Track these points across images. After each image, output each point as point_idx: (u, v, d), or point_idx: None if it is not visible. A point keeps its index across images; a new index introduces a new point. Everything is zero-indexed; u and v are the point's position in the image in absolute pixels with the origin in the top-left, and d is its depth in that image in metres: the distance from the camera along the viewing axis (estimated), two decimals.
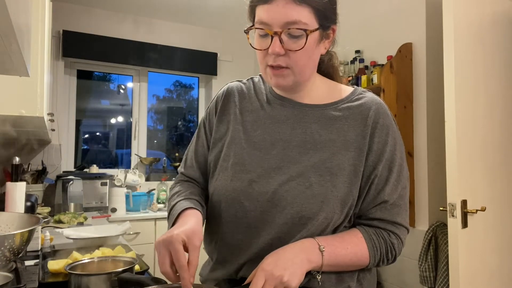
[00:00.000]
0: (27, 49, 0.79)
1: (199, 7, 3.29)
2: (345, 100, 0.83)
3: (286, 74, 0.77)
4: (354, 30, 2.66)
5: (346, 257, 0.77)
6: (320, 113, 0.82)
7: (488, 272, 1.80)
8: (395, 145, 0.80)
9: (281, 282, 0.68)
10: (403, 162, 0.82)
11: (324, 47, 0.81)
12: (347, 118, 0.81)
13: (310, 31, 0.73)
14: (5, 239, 0.93)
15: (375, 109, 0.81)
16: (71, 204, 2.76)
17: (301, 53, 0.74)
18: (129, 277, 0.89)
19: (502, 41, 1.93)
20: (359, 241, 0.79)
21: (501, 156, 1.89)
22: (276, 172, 0.79)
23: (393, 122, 0.83)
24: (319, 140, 0.80)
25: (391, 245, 0.82)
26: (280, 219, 0.77)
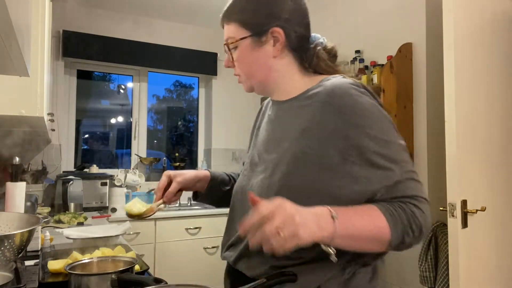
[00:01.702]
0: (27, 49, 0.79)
1: (199, 7, 3.29)
2: (310, 88, 0.85)
3: (242, 80, 0.92)
4: (354, 30, 2.66)
5: (364, 227, 0.69)
6: (290, 106, 0.88)
7: (488, 272, 1.80)
8: (356, 124, 0.74)
9: (292, 220, 0.62)
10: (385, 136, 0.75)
11: (277, 49, 0.86)
12: (307, 106, 0.82)
13: (234, 42, 0.87)
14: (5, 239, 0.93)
15: (329, 93, 0.79)
16: (71, 204, 2.75)
17: (239, 62, 0.88)
18: (129, 277, 0.89)
19: (502, 41, 1.93)
20: (375, 212, 0.71)
21: (501, 156, 1.89)
22: (257, 167, 0.89)
23: (357, 100, 0.76)
24: (285, 132, 0.85)
25: (411, 214, 0.72)
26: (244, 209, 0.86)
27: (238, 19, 0.87)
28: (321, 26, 3.24)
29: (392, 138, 0.76)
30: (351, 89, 0.78)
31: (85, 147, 3.56)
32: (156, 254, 2.81)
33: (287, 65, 0.89)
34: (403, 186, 0.74)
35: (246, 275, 0.83)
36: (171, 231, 2.86)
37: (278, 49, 0.86)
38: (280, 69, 0.89)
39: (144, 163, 3.50)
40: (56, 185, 2.85)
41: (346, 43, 2.70)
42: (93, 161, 3.51)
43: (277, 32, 0.85)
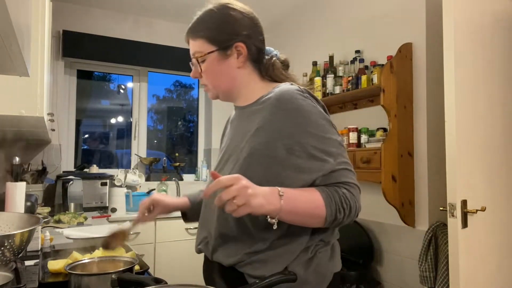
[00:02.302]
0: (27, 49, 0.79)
1: (199, 7, 3.28)
2: (265, 94, 0.98)
3: (208, 90, 1.04)
4: (354, 30, 2.66)
5: (304, 204, 0.84)
6: (248, 110, 1.01)
7: (488, 272, 1.80)
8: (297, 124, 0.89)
9: (245, 191, 0.77)
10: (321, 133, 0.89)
11: (240, 61, 0.99)
12: (261, 110, 0.96)
13: (203, 55, 0.98)
14: (5, 239, 0.92)
15: (278, 98, 0.93)
16: (71, 204, 2.76)
17: (206, 74, 1.00)
18: (129, 277, 0.89)
19: (502, 41, 1.93)
20: (314, 192, 0.86)
21: (501, 156, 1.89)
22: (223, 165, 1.02)
23: (300, 103, 0.90)
24: (244, 133, 0.97)
25: (343, 195, 0.87)
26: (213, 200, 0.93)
27: (205, 36, 0.99)
28: (321, 26, 3.26)
29: (328, 134, 0.90)
30: (296, 94, 0.92)
31: (85, 147, 3.56)
32: (156, 254, 2.81)
33: (248, 74, 1.02)
34: (337, 174, 0.88)
35: (223, 265, 0.95)
36: (171, 231, 2.86)
37: (241, 61, 1.00)
38: (243, 78, 1.02)
39: (144, 163, 3.50)
40: (56, 185, 2.85)
41: (346, 43, 2.70)
42: (93, 161, 3.51)
43: (240, 46, 0.98)
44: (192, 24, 1.04)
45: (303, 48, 3.21)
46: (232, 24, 0.99)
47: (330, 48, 2.78)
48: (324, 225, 0.87)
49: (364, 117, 2.55)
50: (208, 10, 1.02)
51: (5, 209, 1.40)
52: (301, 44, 3.24)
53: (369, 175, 2.20)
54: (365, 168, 2.21)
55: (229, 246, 0.94)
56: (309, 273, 0.89)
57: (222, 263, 0.95)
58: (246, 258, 0.90)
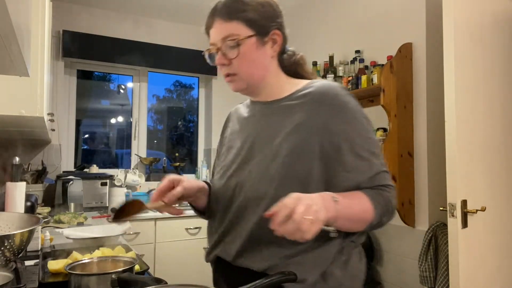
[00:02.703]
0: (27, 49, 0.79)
1: (199, 7, 3.28)
2: (301, 89, 0.93)
3: (236, 79, 0.93)
4: (354, 30, 2.66)
5: (357, 209, 0.81)
6: (279, 106, 0.94)
7: (488, 272, 1.80)
8: (346, 121, 0.85)
9: (311, 208, 0.70)
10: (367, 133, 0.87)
11: (274, 50, 0.94)
12: (300, 105, 0.90)
13: (241, 39, 0.89)
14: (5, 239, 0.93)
15: (322, 92, 0.88)
16: (71, 204, 2.76)
17: (241, 59, 0.90)
18: (129, 277, 0.89)
19: (502, 41, 1.93)
20: (363, 197, 0.82)
21: (501, 156, 1.89)
22: (245, 163, 0.93)
23: (346, 100, 0.87)
24: (275, 129, 0.90)
25: (388, 199, 0.85)
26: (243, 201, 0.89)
27: (245, 18, 0.90)
28: (321, 26, 3.26)
29: (371, 134, 0.88)
30: (340, 90, 0.89)
31: (85, 147, 3.56)
32: (156, 254, 2.81)
33: (277, 67, 0.97)
34: (381, 176, 0.85)
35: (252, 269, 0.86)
36: (171, 231, 2.86)
37: (275, 50, 0.94)
38: (273, 71, 0.96)
39: (144, 163, 3.50)
40: (56, 185, 2.85)
41: (346, 43, 2.70)
42: (93, 161, 3.51)
43: (277, 34, 0.93)
44: (224, 3, 0.92)
45: (303, 48, 3.20)
46: (272, 8, 0.93)
47: (330, 48, 2.78)
48: (365, 228, 0.85)
49: None
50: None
51: (5, 209, 1.40)
52: (301, 44, 3.23)
53: None
54: None
55: (261, 250, 0.86)
56: (346, 276, 0.86)
57: (251, 268, 0.86)
58: (281, 262, 0.84)
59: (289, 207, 0.69)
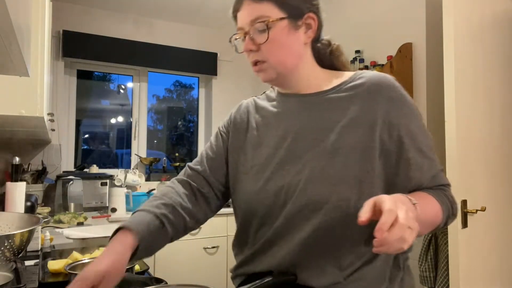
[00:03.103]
0: (27, 49, 0.79)
1: (199, 7, 3.29)
2: (348, 81, 0.83)
3: (265, 67, 0.83)
4: (354, 30, 2.66)
5: (431, 213, 0.74)
6: (324, 98, 0.83)
7: (488, 272, 1.80)
8: (406, 114, 0.78)
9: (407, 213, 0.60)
10: (424, 128, 0.81)
11: (308, 36, 0.83)
12: (352, 97, 0.80)
13: (270, 21, 0.78)
14: (5, 239, 0.92)
15: (378, 83, 0.80)
16: (71, 204, 2.75)
17: (271, 44, 0.80)
18: (129, 277, 0.89)
19: (502, 41, 1.93)
20: (430, 198, 0.76)
21: (501, 156, 1.89)
22: (289, 163, 0.80)
23: (402, 92, 0.81)
24: (326, 124, 0.80)
25: (451, 197, 0.81)
26: (294, 207, 0.77)
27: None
28: None
29: (427, 130, 0.81)
30: (396, 82, 0.82)
31: (85, 147, 3.56)
32: (156, 254, 2.80)
33: (311, 56, 0.87)
34: (441, 175, 0.80)
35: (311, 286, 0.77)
36: None
37: (309, 37, 0.84)
38: (307, 59, 0.86)
39: (144, 163, 3.50)
40: (56, 185, 2.85)
41: (346, 43, 2.70)
42: (93, 161, 3.51)
43: (311, 18, 0.84)
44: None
45: None
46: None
47: None
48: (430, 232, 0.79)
49: None
50: None
51: (5, 209, 1.40)
52: None
53: None
54: None
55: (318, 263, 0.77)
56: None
57: (311, 285, 0.76)
58: (341, 277, 0.75)
59: (395, 212, 0.59)
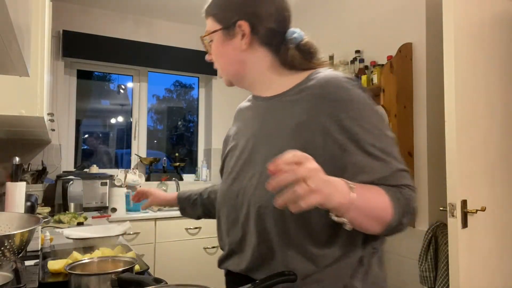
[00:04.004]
0: (27, 49, 0.79)
1: (199, 7, 3.27)
2: (302, 82, 0.84)
3: (220, 74, 0.95)
4: (354, 30, 2.66)
5: (374, 203, 0.70)
6: (280, 101, 0.86)
7: (488, 272, 1.80)
8: (351, 116, 0.75)
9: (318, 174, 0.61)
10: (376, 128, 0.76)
11: (245, 43, 0.87)
12: (299, 100, 0.81)
13: (208, 34, 0.91)
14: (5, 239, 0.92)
15: (321, 85, 0.79)
16: (71, 204, 2.75)
17: (215, 55, 0.92)
18: (129, 277, 0.89)
19: (502, 41, 1.93)
20: (380, 191, 0.72)
21: (501, 156, 1.89)
22: (247, 167, 0.86)
23: (351, 93, 0.77)
24: (278, 127, 0.83)
25: (409, 197, 0.75)
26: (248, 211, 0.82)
27: (213, 14, 0.91)
28: (321, 26, 3.25)
29: (384, 131, 0.77)
30: (344, 82, 0.78)
31: (85, 147, 3.56)
32: (156, 254, 2.81)
33: (260, 59, 0.89)
34: (399, 175, 0.75)
35: None
36: (171, 231, 2.86)
37: (246, 43, 0.87)
38: (254, 63, 0.89)
39: (144, 163, 3.50)
40: (56, 185, 2.85)
41: (346, 43, 2.70)
42: (93, 161, 3.51)
43: (242, 25, 0.87)
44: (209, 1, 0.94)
45: None
46: (239, 1, 0.88)
47: (330, 48, 2.78)
48: (382, 231, 0.73)
49: None
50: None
51: (5, 209, 1.40)
52: None
53: None
54: None
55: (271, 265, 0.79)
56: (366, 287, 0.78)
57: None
58: (301, 278, 0.75)
59: (297, 158, 0.60)
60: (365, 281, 0.77)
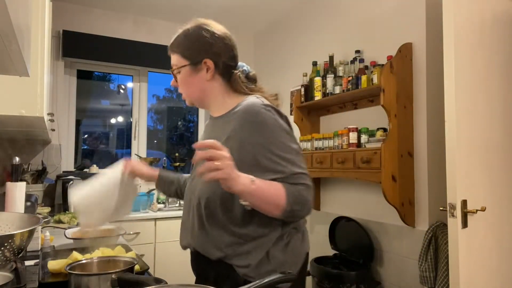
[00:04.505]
0: (27, 49, 0.79)
1: (199, 7, 3.29)
2: (234, 108, 1.13)
3: (184, 98, 1.23)
4: (354, 30, 2.66)
5: (269, 192, 0.99)
6: (221, 121, 1.16)
7: (488, 272, 1.80)
8: (262, 135, 1.04)
9: (229, 161, 0.90)
10: (281, 144, 1.04)
11: (209, 75, 1.15)
12: (231, 121, 1.10)
13: (175, 69, 1.17)
14: (5, 239, 0.92)
15: (244, 111, 1.08)
16: (71, 204, 2.75)
17: (181, 84, 1.18)
18: (129, 277, 0.89)
19: (502, 41, 1.93)
20: (278, 185, 1.01)
21: (501, 156, 1.89)
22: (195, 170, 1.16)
23: (264, 117, 1.05)
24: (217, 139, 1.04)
25: (300, 192, 1.02)
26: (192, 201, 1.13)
27: (180, 52, 1.16)
28: (321, 26, 3.25)
29: (288, 143, 1.05)
30: (260, 108, 1.06)
31: (85, 147, 3.56)
32: (156, 254, 2.81)
33: (217, 87, 1.17)
34: (295, 177, 1.02)
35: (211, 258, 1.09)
36: (171, 231, 2.86)
37: (210, 75, 1.15)
38: (212, 90, 1.17)
39: (144, 163, 3.50)
40: (56, 185, 2.85)
41: (346, 43, 2.71)
42: (93, 161, 3.51)
43: (208, 62, 1.14)
44: (172, 40, 1.19)
45: (303, 48, 3.21)
46: (203, 43, 1.14)
47: (330, 48, 2.78)
48: (282, 215, 1.01)
49: (364, 117, 2.55)
50: (185, 30, 1.17)
51: (5, 209, 1.40)
52: (301, 44, 3.24)
53: (369, 175, 2.20)
54: (365, 168, 2.21)
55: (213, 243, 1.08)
56: (287, 255, 1.07)
57: (210, 257, 1.08)
58: (231, 251, 1.05)
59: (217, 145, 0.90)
60: (284, 251, 1.07)
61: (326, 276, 2.29)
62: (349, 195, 2.68)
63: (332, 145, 2.54)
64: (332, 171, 2.46)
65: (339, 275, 2.25)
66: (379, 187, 2.27)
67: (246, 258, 1.04)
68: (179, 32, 1.19)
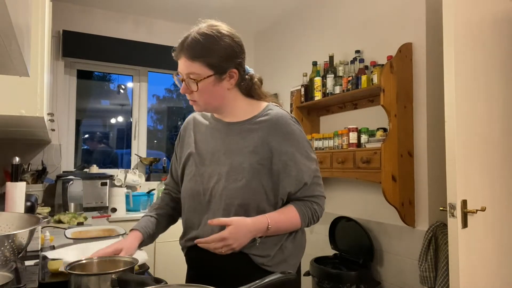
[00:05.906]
0: (27, 49, 0.79)
1: (199, 7, 3.29)
2: (258, 115, 1.16)
3: (196, 105, 1.16)
4: (354, 30, 2.66)
5: (285, 225, 1.11)
6: (240, 128, 1.16)
7: (488, 272, 1.80)
8: (292, 144, 1.12)
9: (229, 247, 1.04)
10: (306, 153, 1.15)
11: (230, 84, 1.13)
12: (257, 130, 1.13)
13: (200, 79, 1.08)
14: (5, 239, 0.92)
15: (275, 121, 1.13)
16: (71, 204, 2.76)
17: (200, 93, 1.10)
18: (129, 277, 0.89)
19: (502, 41, 1.93)
20: (293, 212, 1.12)
21: (501, 156, 1.89)
22: (212, 173, 1.15)
23: (293, 128, 1.14)
24: (238, 147, 1.13)
25: (314, 210, 1.15)
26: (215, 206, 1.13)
27: (204, 61, 1.07)
28: (321, 26, 3.25)
29: (311, 154, 1.16)
30: (289, 120, 1.15)
31: (85, 147, 3.56)
32: (156, 254, 2.81)
33: (234, 94, 1.17)
34: (311, 188, 1.14)
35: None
36: (171, 231, 2.85)
37: (232, 84, 1.14)
38: (230, 98, 1.16)
39: (144, 163, 3.50)
40: (56, 185, 2.85)
41: (346, 43, 2.71)
42: (93, 161, 3.51)
43: (234, 72, 1.12)
44: (188, 44, 1.10)
45: (303, 48, 3.21)
46: (230, 53, 1.10)
47: (330, 48, 2.78)
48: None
49: (364, 117, 2.55)
50: (203, 34, 1.09)
51: (5, 209, 1.40)
52: (301, 44, 3.24)
53: (369, 175, 2.20)
54: (365, 168, 2.21)
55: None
56: (294, 246, 1.17)
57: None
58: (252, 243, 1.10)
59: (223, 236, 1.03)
60: (293, 242, 1.17)
61: (326, 276, 2.29)
62: (349, 195, 2.68)
63: (332, 145, 2.54)
64: (332, 171, 2.46)
65: (339, 275, 2.25)
66: (379, 187, 2.27)
67: (265, 249, 1.11)
68: (192, 35, 1.11)
